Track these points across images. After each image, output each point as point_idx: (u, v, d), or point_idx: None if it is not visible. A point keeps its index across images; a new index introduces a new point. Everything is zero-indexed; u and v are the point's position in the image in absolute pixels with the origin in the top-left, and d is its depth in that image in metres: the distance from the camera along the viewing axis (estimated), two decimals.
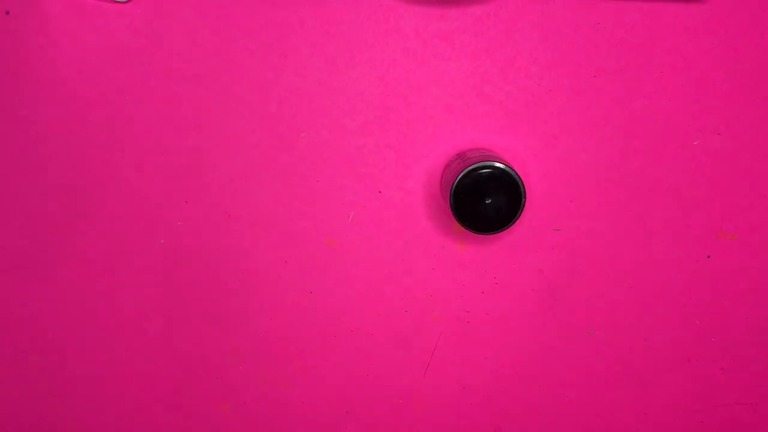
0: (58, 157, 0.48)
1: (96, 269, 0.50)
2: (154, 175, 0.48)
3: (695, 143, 0.47)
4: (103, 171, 0.48)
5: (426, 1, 0.45)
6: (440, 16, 0.45)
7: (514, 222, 0.42)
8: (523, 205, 0.42)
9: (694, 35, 0.45)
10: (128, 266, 0.50)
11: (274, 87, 0.46)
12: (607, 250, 0.49)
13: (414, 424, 0.53)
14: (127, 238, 0.49)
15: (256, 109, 0.47)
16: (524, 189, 0.41)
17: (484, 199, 0.41)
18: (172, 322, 0.51)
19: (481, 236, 0.48)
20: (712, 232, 0.48)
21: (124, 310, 0.51)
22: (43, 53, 0.46)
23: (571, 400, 0.52)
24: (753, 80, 0.45)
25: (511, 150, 0.47)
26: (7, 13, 0.45)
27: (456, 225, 0.48)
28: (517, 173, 0.41)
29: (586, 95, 0.46)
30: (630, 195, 0.47)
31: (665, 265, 0.49)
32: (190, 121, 0.47)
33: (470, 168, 0.41)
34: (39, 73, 0.46)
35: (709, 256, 0.49)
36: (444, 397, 0.52)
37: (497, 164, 0.41)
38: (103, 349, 0.52)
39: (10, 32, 0.45)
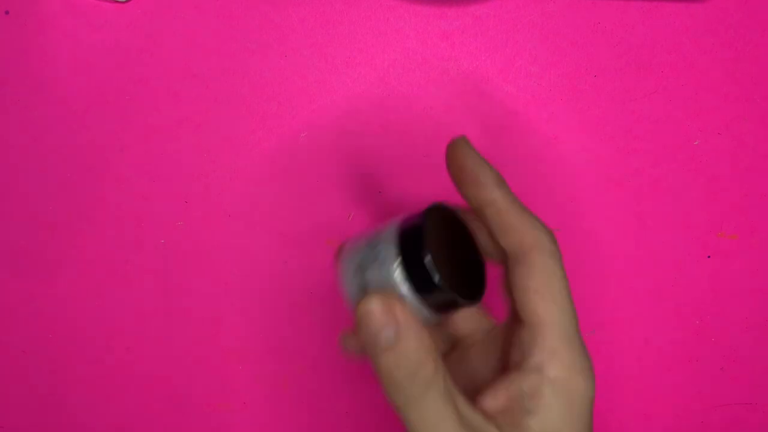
0: (57, 156, 0.48)
1: (96, 269, 0.50)
2: (154, 175, 0.48)
3: (695, 143, 0.47)
4: (103, 171, 0.48)
5: (426, 1, 0.45)
6: (440, 16, 0.45)
7: None
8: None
9: (694, 35, 0.45)
10: (128, 266, 0.50)
11: (274, 87, 0.46)
12: (607, 250, 0.49)
13: None
14: (127, 238, 0.49)
15: (256, 109, 0.47)
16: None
17: None
18: (172, 322, 0.51)
19: None
20: (712, 232, 0.48)
21: (124, 310, 0.51)
22: (43, 53, 0.46)
23: None
24: (753, 80, 0.45)
25: (511, 150, 0.47)
26: (7, 13, 0.45)
27: None
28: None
29: (586, 95, 0.46)
30: (630, 195, 0.47)
31: (665, 265, 0.49)
32: (190, 121, 0.47)
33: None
34: (39, 73, 0.46)
35: (709, 256, 0.49)
36: None
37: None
38: (103, 348, 0.52)
39: (10, 32, 0.45)
